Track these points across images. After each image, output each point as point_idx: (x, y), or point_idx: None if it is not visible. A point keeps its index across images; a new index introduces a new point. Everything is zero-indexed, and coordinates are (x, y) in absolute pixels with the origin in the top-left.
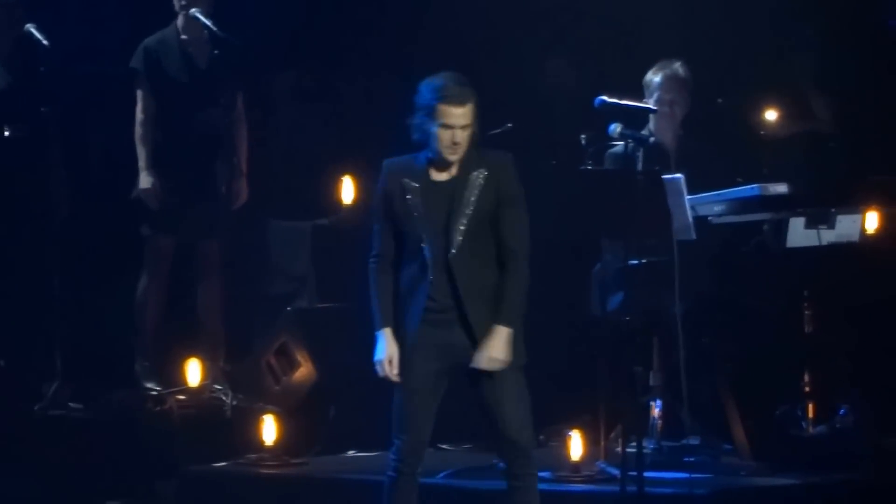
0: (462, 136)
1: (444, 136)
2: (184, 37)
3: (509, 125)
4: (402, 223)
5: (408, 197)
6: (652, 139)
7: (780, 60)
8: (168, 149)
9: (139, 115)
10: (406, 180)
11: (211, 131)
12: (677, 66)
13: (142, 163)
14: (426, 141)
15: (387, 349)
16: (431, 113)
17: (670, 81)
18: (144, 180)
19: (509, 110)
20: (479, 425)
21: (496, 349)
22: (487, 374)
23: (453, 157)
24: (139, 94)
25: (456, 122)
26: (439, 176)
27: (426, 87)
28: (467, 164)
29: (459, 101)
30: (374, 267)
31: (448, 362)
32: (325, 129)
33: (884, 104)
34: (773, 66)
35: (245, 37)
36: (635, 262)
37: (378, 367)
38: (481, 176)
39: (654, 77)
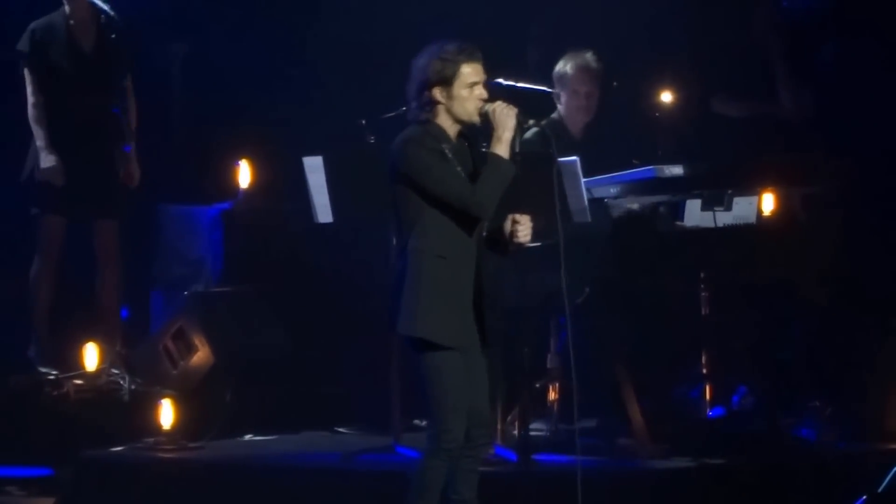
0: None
1: (477, 92)
2: (71, 21)
3: (404, 108)
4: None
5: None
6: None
7: (667, 43)
8: (55, 131)
9: (31, 98)
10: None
11: (99, 114)
12: (589, 58)
13: (41, 142)
14: (426, 114)
15: None
16: (453, 77)
17: (583, 73)
18: (46, 159)
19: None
20: (373, 409)
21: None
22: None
23: (477, 119)
24: (27, 76)
25: (481, 77)
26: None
27: (436, 55)
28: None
29: (479, 57)
30: None
31: None
32: (221, 110)
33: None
34: (662, 49)
35: (134, 15)
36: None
37: None
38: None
39: (565, 69)
